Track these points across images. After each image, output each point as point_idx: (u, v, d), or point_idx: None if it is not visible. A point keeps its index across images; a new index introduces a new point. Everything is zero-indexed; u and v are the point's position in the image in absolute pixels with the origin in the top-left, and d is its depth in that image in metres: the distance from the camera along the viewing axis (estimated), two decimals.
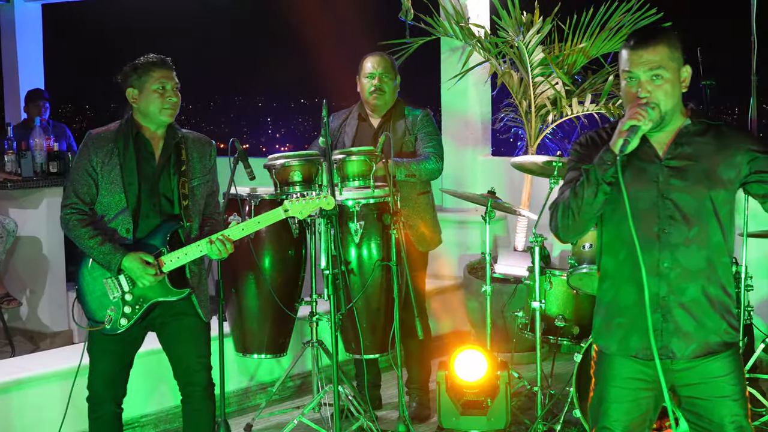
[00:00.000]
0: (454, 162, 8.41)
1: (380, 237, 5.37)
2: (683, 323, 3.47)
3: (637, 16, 7.37)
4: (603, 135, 3.58)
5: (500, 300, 6.94)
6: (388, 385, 6.42)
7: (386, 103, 5.94)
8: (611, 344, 3.58)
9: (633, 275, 3.46)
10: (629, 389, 3.55)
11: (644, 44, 3.43)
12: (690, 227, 3.44)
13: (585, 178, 3.42)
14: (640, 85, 3.43)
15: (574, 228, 3.51)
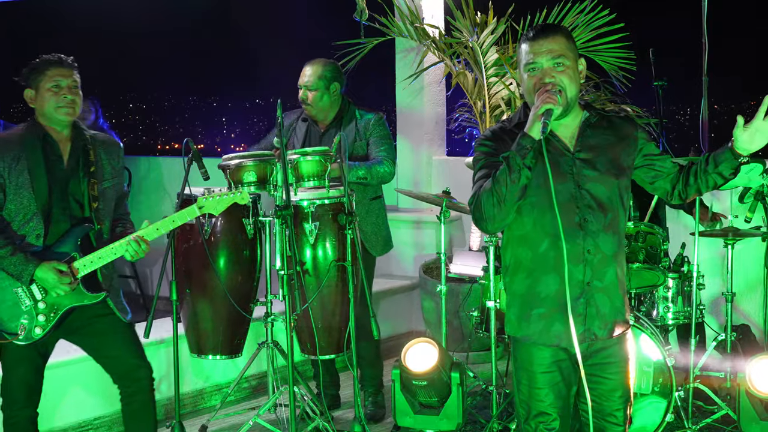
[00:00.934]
0: (409, 162, 8.43)
1: (335, 237, 5.36)
2: (602, 305, 3.66)
3: (590, 17, 7.43)
4: (505, 128, 3.73)
5: (455, 299, 6.97)
6: (344, 385, 6.42)
7: (319, 110, 5.92)
8: (532, 334, 3.70)
9: (556, 265, 3.58)
10: (554, 373, 3.69)
11: (544, 35, 3.59)
12: (606, 214, 3.62)
13: (506, 165, 3.49)
14: (543, 73, 3.57)
15: (500, 216, 3.56)
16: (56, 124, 4.49)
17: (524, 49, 3.62)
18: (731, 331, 5.82)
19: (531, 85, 3.60)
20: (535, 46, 3.59)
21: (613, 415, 3.76)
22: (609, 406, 3.74)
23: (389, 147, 5.91)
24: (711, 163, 3.68)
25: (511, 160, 3.48)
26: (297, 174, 5.37)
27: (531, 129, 3.48)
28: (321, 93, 5.88)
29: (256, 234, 5.47)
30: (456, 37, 7.59)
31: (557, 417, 3.71)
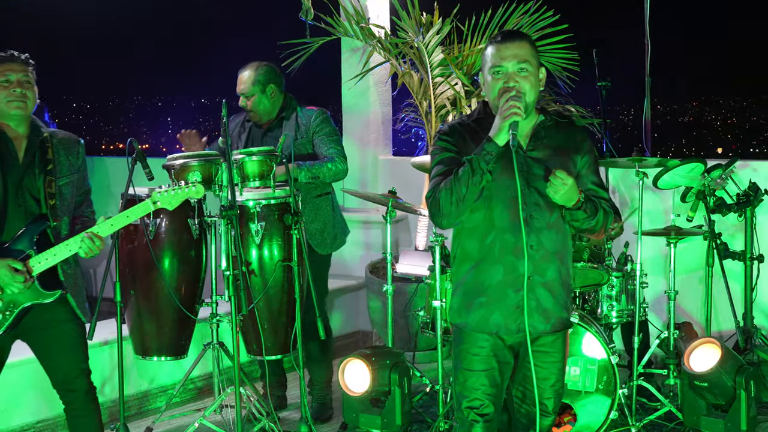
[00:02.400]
0: (355, 162, 8.43)
1: (281, 237, 5.35)
2: (544, 300, 3.82)
3: (534, 18, 7.48)
4: (464, 123, 3.87)
5: (402, 299, 6.98)
6: (290, 386, 6.40)
7: (263, 114, 5.90)
8: (471, 321, 3.85)
9: (500, 256, 3.77)
10: (491, 360, 3.84)
11: (511, 40, 3.75)
12: (551, 213, 3.78)
13: (469, 167, 3.64)
14: (508, 77, 3.71)
15: (456, 214, 3.72)
16: (9, 120, 4.44)
17: (490, 52, 3.76)
18: (674, 329, 5.89)
19: (496, 88, 3.74)
20: (502, 49, 3.73)
21: (543, 404, 3.90)
22: (540, 394, 3.84)
23: (336, 143, 5.89)
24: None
25: (474, 164, 3.63)
26: (242, 174, 5.35)
27: (496, 136, 3.64)
28: (258, 98, 5.87)
29: (201, 234, 5.44)
30: (401, 37, 7.61)
31: (490, 404, 3.85)
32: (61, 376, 4.55)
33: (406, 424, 5.47)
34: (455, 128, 3.87)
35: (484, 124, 3.79)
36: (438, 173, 3.79)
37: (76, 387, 4.55)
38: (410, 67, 7.77)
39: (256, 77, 5.89)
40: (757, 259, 6.27)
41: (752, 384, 5.24)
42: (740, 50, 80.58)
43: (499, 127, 3.65)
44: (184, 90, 47.41)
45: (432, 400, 6.07)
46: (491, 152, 3.65)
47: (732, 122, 51.83)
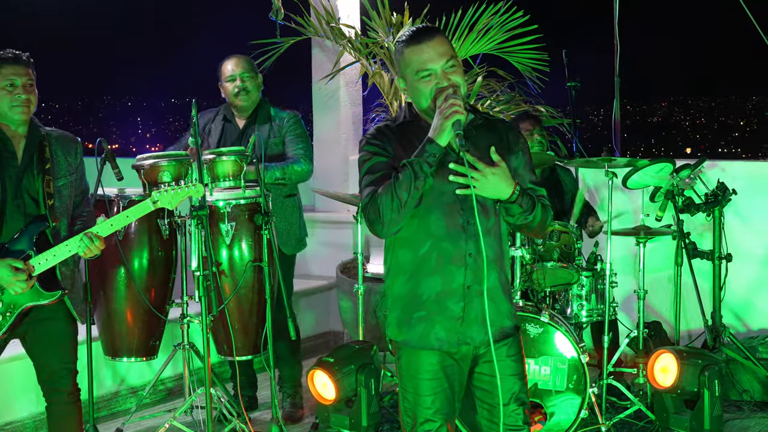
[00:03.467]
0: (325, 162, 8.42)
1: (251, 238, 5.34)
2: (482, 311, 3.50)
3: (504, 18, 7.50)
4: (390, 126, 3.61)
5: (373, 299, 6.98)
6: (261, 386, 6.39)
7: (253, 102, 5.93)
8: (413, 338, 3.59)
9: (437, 267, 3.52)
10: (440, 379, 3.59)
11: (431, 38, 3.50)
12: (488, 218, 3.54)
13: (410, 170, 3.39)
14: (438, 78, 3.48)
15: (397, 221, 3.46)
16: (10, 122, 4.40)
17: (410, 55, 3.51)
18: (643, 328, 5.93)
19: (427, 90, 3.49)
20: (425, 50, 3.49)
21: (510, 416, 3.63)
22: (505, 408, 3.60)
23: (306, 145, 5.91)
24: None
25: (416, 166, 3.40)
26: (212, 174, 5.33)
27: (438, 136, 3.41)
28: (252, 83, 5.90)
29: (171, 235, 5.42)
30: (372, 37, 7.61)
31: (443, 423, 3.60)
32: (47, 373, 4.51)
33: (374, 424, 5.47)
34: (383, 131, 3.60)
35: (412, 128, 3.58)
36: (371, 180, 3.51)
37: (60, 386, 4.52)
38: (381, 67, 7.77)
39: (251, 64, 5.98)
40: (725, 258, 6.31)
41: (716, 383, 5.29)
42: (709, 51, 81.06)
43: (440, 128, 3.40)
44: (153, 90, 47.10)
45: None
46: (434, 154, 3.41)
47: (701, 122, 52.20)
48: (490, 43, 7.60)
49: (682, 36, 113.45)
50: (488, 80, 7.81)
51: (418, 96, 3.54)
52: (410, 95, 3.59)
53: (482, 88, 7.64)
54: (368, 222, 3.51)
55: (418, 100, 3.55)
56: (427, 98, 3.50)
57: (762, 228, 6.85)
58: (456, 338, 3.55)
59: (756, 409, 6.06)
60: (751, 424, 5.87)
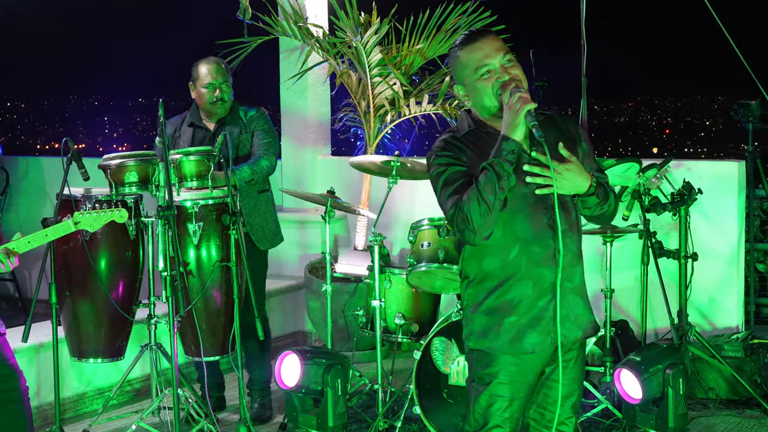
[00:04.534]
0: (293, 162, 8.42)
1: (219, 238, 5.33)
2: (575, 306, 3.54)
3: (471, 18, 7.53)
4: (457, 137, 3.51)
5: (341, 299, 6.98)
6: (229, 387, 6.37)
7: (226, 110, 5.91)
8: (502, 345, 3.49)
9: (528, 270, 3.45)
10: (520, 384, 3.51)
11: (483, 36, 3.45)
12: (570, 214, 3.49)
13: (492, 172, 3.31)
14: (498, 73, 3.41)
15: (487, 225, 3.37)
16: None
17: (467, 55, 3.44)
18: (610, 327, 5.96)
19: (489, 88, 3.41)
20: (480, 47, 3.42)
21: (564, 423, 3.60)
22: (561, 414, 3.55)
23: (272, 140, 5.91)
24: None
25: (497, 167, 3.31)
26: (180, 174, 5.32)
27: (513, 132, 3.33)
28: (230, 92, 5.92)
29: (138, 235, 5.40)
30: (340, 36, 7.61)
31: (509, 430, 3.53)
32: None
33: (340, 425, 5.46)
34: (450, 143, 3.50)
35: (478, 135, 3.49)
36: (452, 190, 3.41)
37: (6, 387, 4.46)
38: (348, 66, 7.77)
39: (226, 69, 5.95)
40: (691, 257, 6.35)
41: (680, 382, 5.32)
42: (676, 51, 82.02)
43: (513, 123, 3.32)
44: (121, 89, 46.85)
45: (371, 400, 6.07)
46: (513, 150, 3.32)
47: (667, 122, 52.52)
48: None
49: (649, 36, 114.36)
50: None
51: (480, 97, 3.45)
52: (472, 99, 3.49)
53: (450, 88, 7.65)
54: (459, 232, 3.41)
55: (481, 101, 3.46)
56: (491, 97, 3.43)
57: (727, 227, 6.91)
58: (549, 339, 3.47)
59: (721, 407, 6.11)
60: (717, 421, 5.92)
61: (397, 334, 5.72)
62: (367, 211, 6.87)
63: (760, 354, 6.34)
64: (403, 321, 5.69)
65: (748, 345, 6.29)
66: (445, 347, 5.30)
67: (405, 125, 8.15)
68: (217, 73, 5.87)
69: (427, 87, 7.78)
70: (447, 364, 5.30)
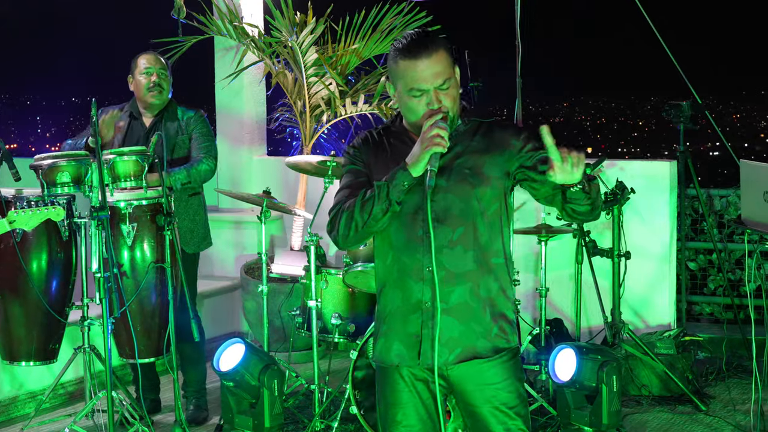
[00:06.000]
0: (229, 162, 8.37)
1: (154, 239, 5.29)
2: (447, 329, 3.31)
3: (407, 19, 7.56)
4: (375, 136, 3.45)
5: (277, 300, 6.96)
6: (164, 389, 6.33)
7: (164, 101, 5.88)
8: (377, 353, 3.45)
9: (399, 280, 3.35)
10: (410, 393, 3.39)
11: (427, 53, 3.26)
12: (454, 228, 3.29)
13: (377, 194, 3.24)
14: (429, 98, 3.27)
15: (354, 239, 3.33)
16: None
17: (404, 68, 3.27)
18: (545, 325, 6.01)
19: (417, 108, 3.29)
20: (420, 67, 3.25)
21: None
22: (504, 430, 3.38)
23: (210, 144, 5.90)
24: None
25: (383, 192, 3.23)
26: (113, 174, 5.27)
27: (413, 166, 3.21)
28: (168, 82, 5.91)
29: (71, 236, 5.34)
30: (275, 36, 7.59)
31: None
32: None
33: (277, 426, 5.45)
34: (367, 139, 3.44)
35: (393, 135, 3.42)
36: (343, 187, 3.40)
37: None
38: (284, 66, 7.75)
39: (166, 63, 5.97)
40: (624, 256, 6.43)
41: (614, 379, 5.38)
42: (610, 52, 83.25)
43: (418, 157, 3.20)
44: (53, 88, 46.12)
45: (308, 400, 6.06)
46: (404, 183, 3.22)
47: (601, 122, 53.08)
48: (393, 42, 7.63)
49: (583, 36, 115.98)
50: None
51: (407, 111, 3.34)
52: (399, 104, 3.39)
53: (386, 88, 7.66)
54: (327, 231, 3.39)
55: (406, 114, 3.37)
56: (416, 114, 3.30)
57: (659, 226, 7.00)
58: (415, 358, 3.34)
59: (654, 404, 6.19)
60: (650, 418, 6.00)
61: (334, 335, 5.73)
62: (304, 212, 6.86)
63: (692, 351, 6.44)
64: (339, 321, 5.69)
65: (679, 342, 6.38)
66: None
67: (341, 125, 8.16)
68: (154, 61, 5.89)
69: (363, 87, 7.80)
70: None
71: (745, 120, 45.52)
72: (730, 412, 6.04)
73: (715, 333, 7.27)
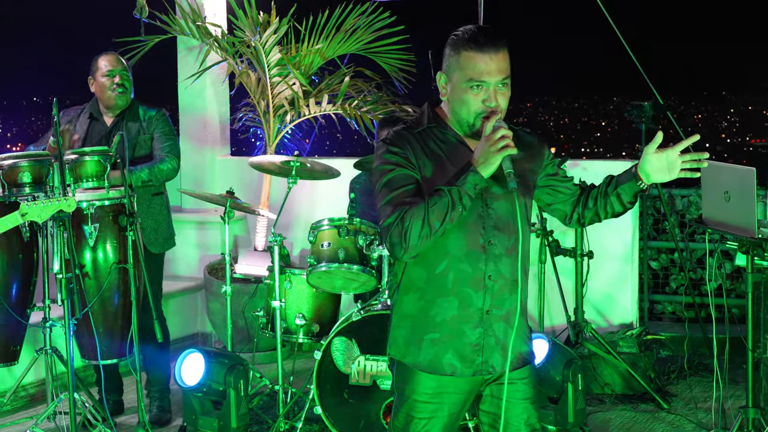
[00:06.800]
0: (192, 162, 8.34)
1: (116, 239, 5.26)
2: (503, 336, 3.34)
3: (370, 19, 7.57)
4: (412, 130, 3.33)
5: (241, 300, 6.94)
6: (127, 390, 6.29)
7: (127, 101, 5.85)
8: (421, 362, 3.35)
9: (453, 288, 3.29)
10: (439, 404, 3.36)
11: (495, 48, 3.22)
12: (509, 236, 3.30)
13: (451, 199, 3.15)
14: (489, 94, 3.23)
15: (421, 248, 3.21)
16: None
17: (467, 58, 3.21)
18: None
19: (473, 103, 3.23)
20: (487, 61, 3.20)
21: None
22: None
23: (173, 143, 5.87)
24: (612, 185, 3.42)
25: (455, 195, 3.15)
26: (75, 174, 5.23)
27: (485, 168, 3.16)
28: (130, 82, 5.87)
29: (32, 237, 5.30)
30: (239, 36, 7.57)
31: None
32: None
33: (243, 426, 5.44)
34: (404, 137, 3.30)
35: (434, 134, 3.32)
36: (393, 197, 3.22)
37: None
38: (248, 66, 7.73)
39: (127, 64, 5.93)
40: (587, 255, 6.47)
41: (579, 377, 5.42)
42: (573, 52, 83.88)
43: (488, 161, 3.14)
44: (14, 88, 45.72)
45: (272, 401, 6.05)
46: (476, 185, 3.16)
47: (564, 123, 53.36)
48: (357, 43, 7.65)
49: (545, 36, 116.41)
50: (355, 80, 7.85)
51: (460, 104, 3.27)
52: (450, 97, 3.31)
53: (349, 88, 7.67)
54: (389, 244, 3.22)
55: (458, 108, 3.28)
56: (470, 112, 3.26)
57: (622, 226, 7.05)
58: (471, 368, 3.32)
59: (617, 402, 6.23)
60: (613, 416, 6.03)
61: (298, 335, 5.72)
62: (267, 212, 6.84)
63: (654, 349, 6.49)
64: (303, 321, 5.69)
65: (642, 341, 6.43)
66: (345, 347, 5.31)
67: (305, 125, 8.15)
68: (117, 62, 5.86)
69: (326, 87, 7.79)
70: (348, 364, 5.30)
71: (707, 120, 45.92)
72: (692, 410, 6.09)
73: (676, 332, 7.33)
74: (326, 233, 5.53)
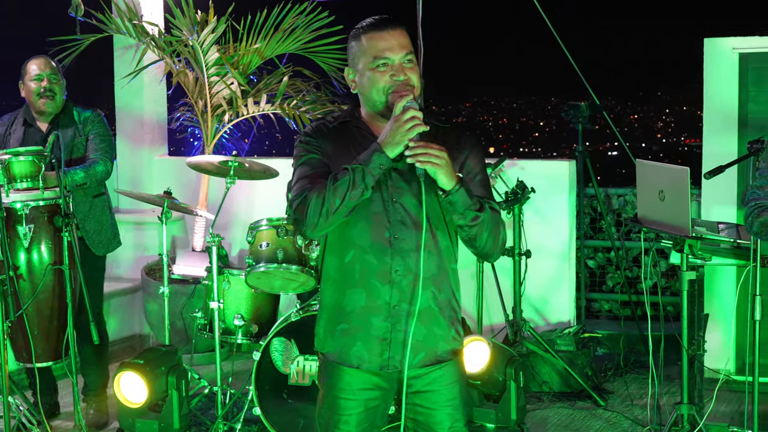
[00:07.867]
0: (129, 162, 8.27)
1: (51, 240, 5.20)
2: (413, 332, 3.24)
3: (309, 19, 7.56)
4: (328, 125, 3.35)
5: (179, 301, 6.90)
6: (63, 393, 6.22)
7: (57, 106, 5.76)
8: (334, 351, 3.34)
9: (361, 279, 3.26)
10: (359, 400, 3.32)
11: (392, 27, 3.25)
12: (421, 233, 3.21)
13: (352, 177, 3.12)
14: (396, 70, 3.22)
15: (324, 226, 3.18)
16: None
17: (369, 40, 3.23)
18: None
19: (381, 81, 3.22)
20: (386, 38, 3.22)
21: None
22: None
23: (107, 145, 5.81)
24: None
25: (357, 175, 3.12)
26: (9, 175, 5.17)
27: (390, 148, 3.12)
28: (59, 84, 5.78)
29: None
30: (176, 35, 7.52)
31: None
32: None
33: (184, 427, 5.41)
34: (319, 129, 3.33)
35: (349, 129, 3.32)
36: (304, 175, 3.24)
37: None
38: (185, 65, 7.69)
39: (57, 66, 5.84)
40: (524, 254, 6.52)
41: (521, 375, 5.46)
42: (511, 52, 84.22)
43: (394, 140, 3.10)
44: None
45: (211, 402, 6.02)
46: (381, 165, 3.13)
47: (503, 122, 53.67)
48: (295, 42, 7.64)
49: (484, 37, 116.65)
50: (294, 80, 7.83)
51: (369, 87, 3.25)
52: (359, 87, 3.29)
53: (288, 87, 7.65)
54: (293, 220, 3.25)
55: (369, 93, 3.26)
56: (380, 92, 3.23)
57: (559, 225, 7.11)
58: (378, 361, 3.28)
59: (555, 399, 6.29)
60: (551, 414, 6.09)
61: (237, 336, 5.70)
62: (205, 212, 6.81)
63: (591, 347, 6.56)
64: (242, 322, 5.66)
65: (579, 339, 6.49)
66: (284, 348, 5.30)
67: (243, 125, 8.12)
68: (45, 66, 5.77)
69: (265, 87, 7.77)
70: (287, 364, 5.29)
71: (643, 120, 46.44)
72: (628, 407, 6.17)
73: (613, 329, 7.42)
74: (265, 233, 5.51)
